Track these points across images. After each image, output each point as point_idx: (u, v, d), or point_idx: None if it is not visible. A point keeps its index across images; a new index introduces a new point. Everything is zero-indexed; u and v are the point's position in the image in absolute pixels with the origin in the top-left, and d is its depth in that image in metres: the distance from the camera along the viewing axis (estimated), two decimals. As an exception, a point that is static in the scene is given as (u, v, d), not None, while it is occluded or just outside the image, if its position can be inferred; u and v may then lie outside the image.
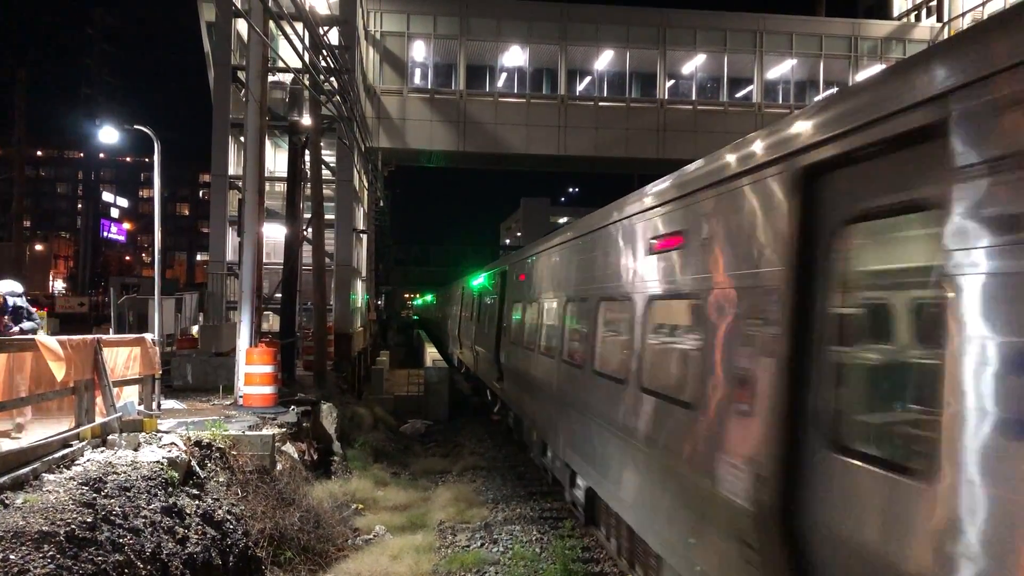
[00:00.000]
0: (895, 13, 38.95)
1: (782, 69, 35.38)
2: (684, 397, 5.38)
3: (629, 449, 6.58)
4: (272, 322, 23.28)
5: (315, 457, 12.98)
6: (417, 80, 33.64)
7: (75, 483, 6.86)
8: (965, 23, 33.99)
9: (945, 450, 2.84)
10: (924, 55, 3.32)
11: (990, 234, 2.73)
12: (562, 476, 11.09)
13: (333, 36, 23.06)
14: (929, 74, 3.13)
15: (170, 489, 7.66)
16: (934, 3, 36.52)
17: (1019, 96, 2.66)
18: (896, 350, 3.53)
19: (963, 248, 2.82)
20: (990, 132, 2.78)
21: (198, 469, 8.72)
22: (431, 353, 30.21)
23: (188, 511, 7.54)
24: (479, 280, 21.15)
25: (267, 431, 10.77)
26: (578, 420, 8.71)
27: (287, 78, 25.54)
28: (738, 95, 35.34)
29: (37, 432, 8.15)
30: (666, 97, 34.38)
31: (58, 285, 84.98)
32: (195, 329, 22.30)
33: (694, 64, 34.97)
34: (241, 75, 22.17)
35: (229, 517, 8.20)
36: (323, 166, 21.87)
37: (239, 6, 15.94)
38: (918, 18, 37.61)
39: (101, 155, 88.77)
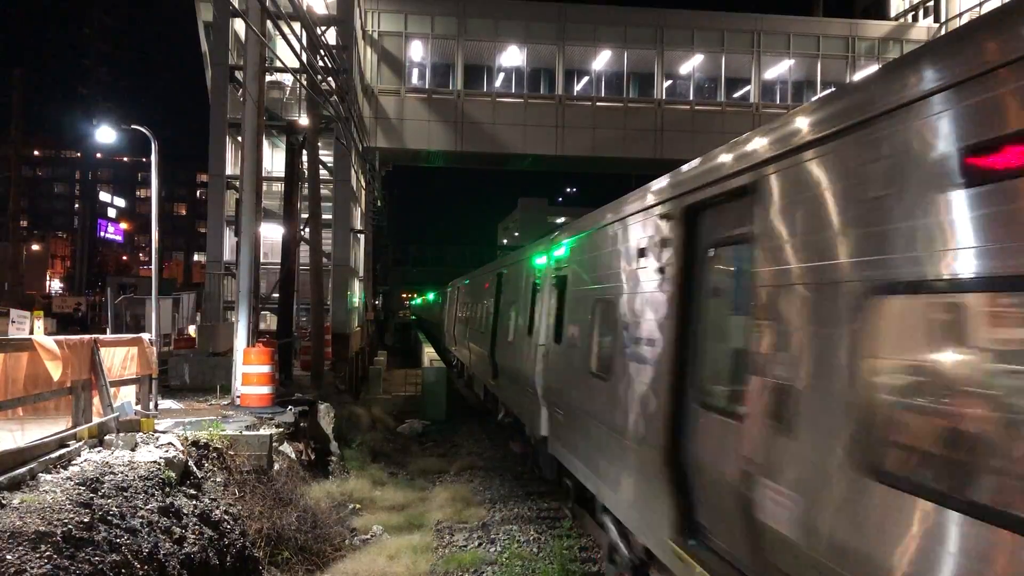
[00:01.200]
0: (892, 13, 38.98)
1: (779, 69, 35.43)
2: None
3: None
4: (269, 322, 23.29)
5: (312, 457, 12.97)
6: (415, 80, 33.65)
7: (72, 483, 6.85)
8: (962, 22, 34.04)
9: None
10: None
11: None
12: None
13: (331, 36, 23.06)
14: None
15: (167, 489, 7.65)
16: (931, 3, 36.56)
17: None
18: None
19: None
20: None
21: (195, 469, 8.71)
22: (429, 353, 30.19)
23: (185, 511, 7.54)
24: (558, 253, 10.43)
25: (264, 431, 10.76)
26: None
27: (285, 78, 25.60)
28: (735, 95, 35.38)
29: (34, 432, 8.15)
30: (664, 97, 34.41)
31: (55, 285, 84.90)
32: (192, 329, 22.31)
33: (692, 64, 35.01)
34: (239, 75, 22.18)
35: (226, 517, 8.20)
36: (321, 166, 21.88)
37: (236, 6, 15.91)
38: (915, 18, 37.65)
39: (98, 155, 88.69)
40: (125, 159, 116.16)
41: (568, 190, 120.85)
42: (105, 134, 23.85)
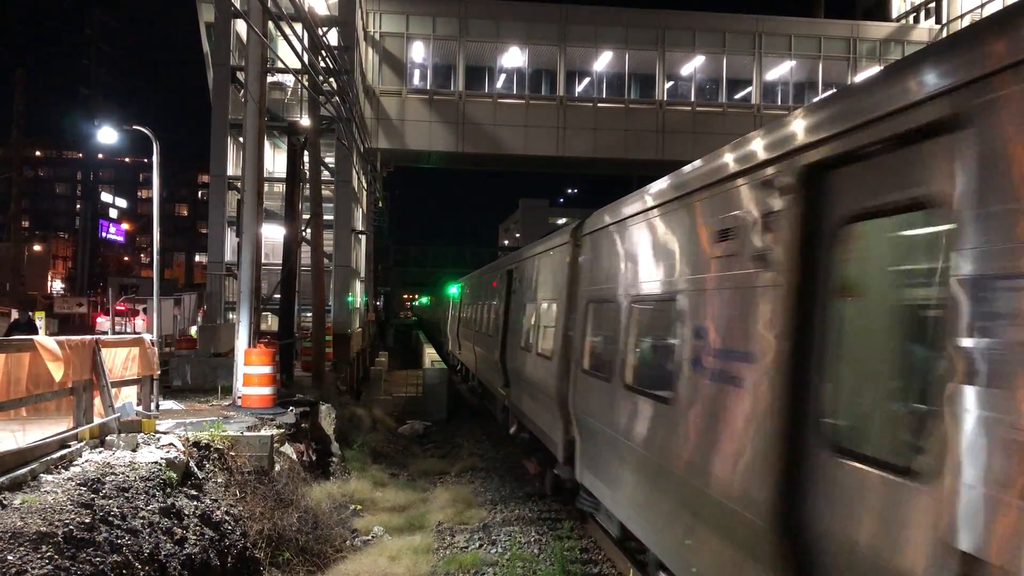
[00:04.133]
0: (894, 15, 38.98)
1: (781, 70, 35.42)
2: None
3: None
4: (271, 323, 23.29)
5: (313, 458, 12.97)
6: (416, 81, 33.65)
7: (73, 484, 6.85)
8: (964, 24, 34.04)
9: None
10: None
11: None
12: None
13: (332, 37, 23.07)
14: None
15: (168, 490, 7.65)
16: (933, 5, 36.55)
17: None
18: None
19: None
20: None
21: (196, 470, 8.71)
22: (430, 354, 30.20)
23: (186, 512, 7.54)
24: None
25: (265, 432, 10.75)
26: None
27: (287, 79, 25.61)
28: (737, 96, 35.37)
29: (36, 432, 8.15)
30: (665, 98, 34.40)
31: (57, 285, 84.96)
32: (193, 330, 22.31)
33: (693, 65, 35.00)
34: (240, 76, 22.18)
35: (227, 518, 8.20)
36: (322, 167, 21.87)
37: (238, 7, 15.93)
38: (917, 20, 37.63)
39: (100, 155, 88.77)
40: (127, 160, 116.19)
41: (569, 191, 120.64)
42: (106, 135, 23.87)
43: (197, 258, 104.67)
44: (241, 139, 18.59)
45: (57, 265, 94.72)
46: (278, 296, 19.34)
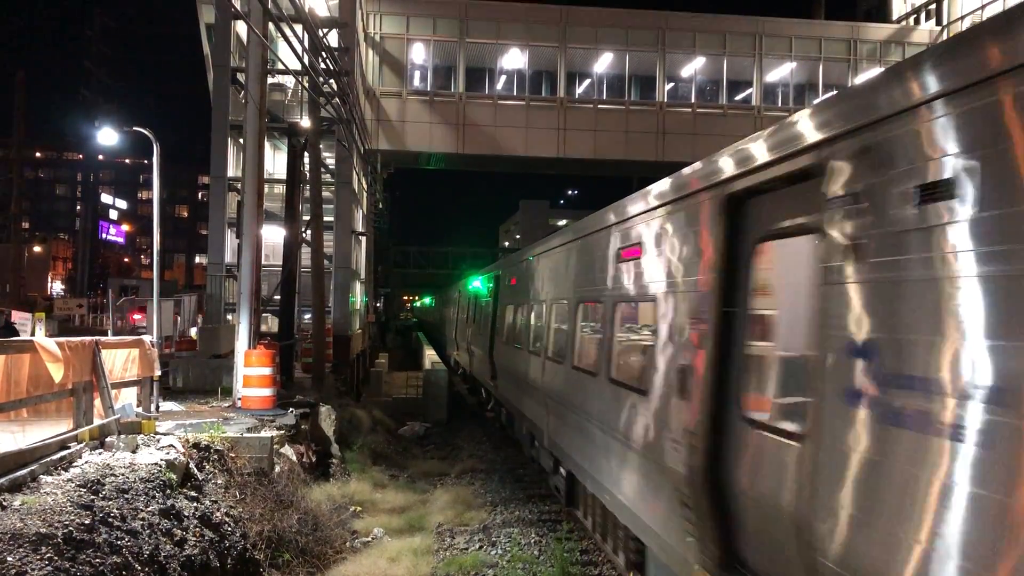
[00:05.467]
0: (894, 16, 38.98)
1: (781, 72, 35.42)
2: None
3: None
4: (271, 324, 23.28)
5: (313, 459, 12.96)
6: (416, 82, 33.66)
7: (73, 485, 6.84)
8: (964, 26, 34.03)
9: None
10: None
11: None
12: None
13: (332, 38, 23.07)
14: None
15: (168, 491, 7.64)
16: (933, 6, 36.55)
17: None
18: None
19: None
20: None
21: (196, 471, 8.71)
22: (430, 355, 30.17)
23: (186, 513, 7.53)
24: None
25: (265, 433, 10.75)
26: None
27: (287, 80, 25.61)
28: (737, 98, 35.37)
29: (35, 433, 8.14)
30: (665, 100, 34.40)
31: (57, 287, 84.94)
32: (194, 331, 22.30)
33: (693, 67, 35.00)
34: (240, 77, 22.18)
35: (227, 519, 8.19)
36: (322, 168, 21.88)
37: (238, 8, 15.93)
38: (917, 21, 37.63)
39: (100, 157, 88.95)
40: (127, 161, 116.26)
41: (570, 192, 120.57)
42: (107, 136, 23.88)
43: (197, 259, 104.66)
44: (241, 140, 18.59)
45: (57, 266, 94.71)
46: (278, 297, 19.34)
